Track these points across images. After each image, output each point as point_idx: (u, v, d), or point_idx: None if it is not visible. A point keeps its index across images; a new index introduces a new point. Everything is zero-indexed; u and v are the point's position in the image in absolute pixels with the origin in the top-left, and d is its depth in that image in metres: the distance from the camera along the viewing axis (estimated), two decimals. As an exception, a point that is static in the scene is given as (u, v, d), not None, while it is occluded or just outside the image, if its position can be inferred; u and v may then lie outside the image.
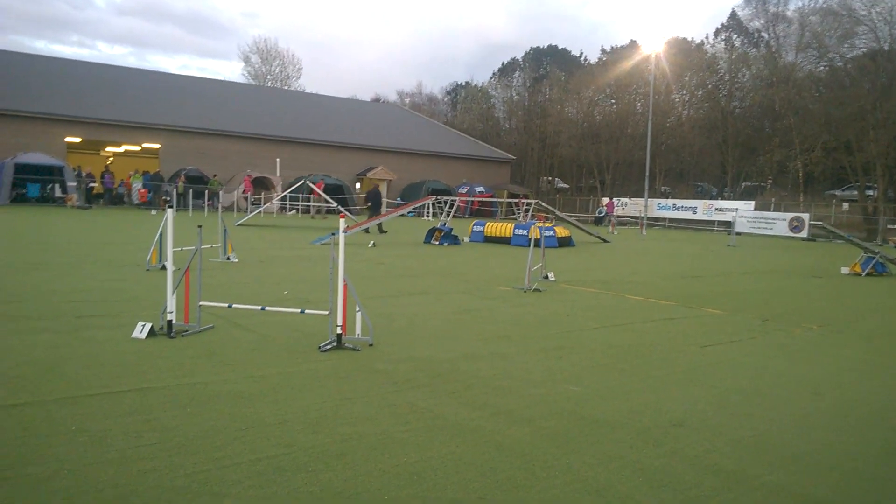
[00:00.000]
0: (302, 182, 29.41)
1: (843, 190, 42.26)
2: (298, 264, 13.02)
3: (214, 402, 4.50)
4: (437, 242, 19.51)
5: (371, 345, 6.23)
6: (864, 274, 15.13)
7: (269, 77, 71.81)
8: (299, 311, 6.91)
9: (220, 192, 33.96)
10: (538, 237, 12.75)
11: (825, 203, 40.55)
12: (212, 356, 5.68)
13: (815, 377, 5.91)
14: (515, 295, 10.08)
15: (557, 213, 26.49)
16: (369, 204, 25.50)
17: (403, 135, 50.59)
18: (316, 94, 58.86)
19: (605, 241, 24.15)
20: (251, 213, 27.14)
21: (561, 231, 21.04)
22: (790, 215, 35.54)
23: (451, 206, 21.83)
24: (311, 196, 30.60)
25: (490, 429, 4.24)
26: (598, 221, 40.34)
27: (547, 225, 20.98)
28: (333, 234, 6.36)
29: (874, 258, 15.48)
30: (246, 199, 33.61)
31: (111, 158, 42.45)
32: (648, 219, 39.44)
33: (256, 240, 18.46)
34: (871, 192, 38.34)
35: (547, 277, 11.79)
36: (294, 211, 33.65)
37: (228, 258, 12.66)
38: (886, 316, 9.73)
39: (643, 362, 6.19)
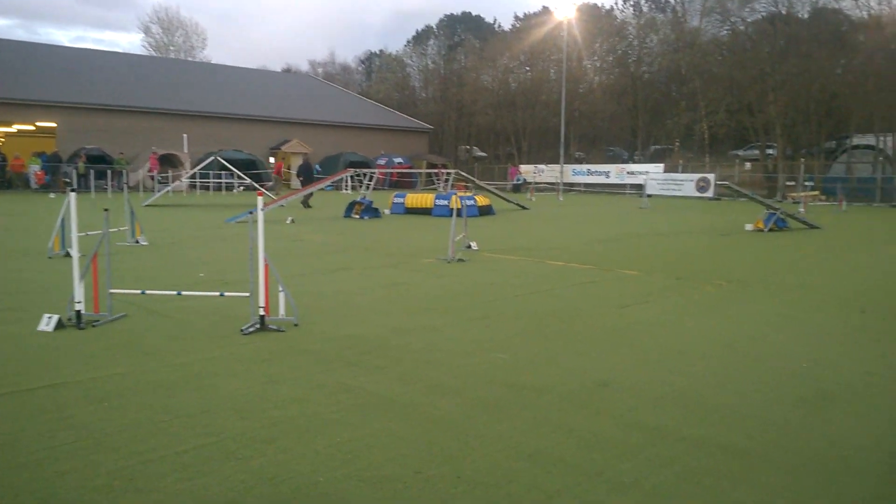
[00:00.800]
0: (212, 158, 28.36)
1: (746, 150, 44.35)
2: (213, 245, 12.60)
3: (133, 394, 4.31)
4: (358, 216, 19.29)
5: (296, 325, 6.10)
6: (766, 230, 15.98)
7: (171, 48, 68.49)
8: (218, 293, 6.69)
9: (125, 172, 32.32)
10: (459, 207, 12.79)
11: (729, 163, 42.49)
12: (127, 346, 5.42)
13: (728, 332, 6.21)
14: (440, 266, 10.10)
15: (477, 181, 26.67)
16: (301, 178, 24.93)
17: (318, 106, 49.44)
18: (223, 66, 56.54)
19: (524, 208, 24.52)
20: (159, 192, 25.99)
21: (481, 200, 21.21)
22: (697, 176, 36.88)
23: (371, 178, 21.58)
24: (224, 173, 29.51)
25: (423, 402, 4.25)
26: (517, 189, 40.88)
27: (467, 194, 21.12)
28: (251, 211, 6.15)
29: (775, 214, 16.37)
30: (152, 177, 32.15)
31: (1, 140, 39.63)
32: (564, 184, 40.28)
33: (166, 221, 17.73)
34: (771, 152, 40.40)
35: (470, 247, 11.87)
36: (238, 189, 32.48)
37: (137, 241, 12.10)
38: (790, 269, 10.32)
39: (567, 326, 6.33)
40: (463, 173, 27.33)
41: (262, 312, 5.93)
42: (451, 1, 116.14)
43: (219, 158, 27.40)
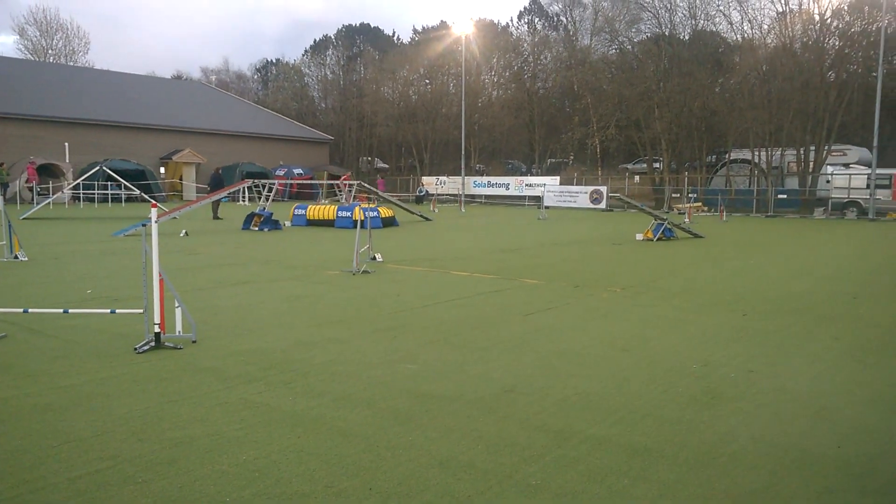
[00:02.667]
0: (97, 168, 26.84)
1: (635, 163, 46.64)
2: (102, 260, 11.92)
3: (17, 419, 4.00)
4: (257, 228, 18.79)
5: (194, 341, 5.87)
6: (655, 239, 16.85)
7: (50, 52, 64.27)
8: (109, 311, 6.33)
9: (7, 184, 29.96)
10: (363, 218, 12.73)
11: (620, 176, 44.53)
12: (8, 368, 5.03)
13: (624, 335, 6.50)
14: (345, 278, 10.00)
15: (380, 193, 26.61)
16: (209, 189, 24.00)
17: (212, 115, 47.81)
18: (108, 71, 53.63)
19: (427, 219, 24.69)
20: (38, 204, 24.31)
21: (385, 211, 21.17)
22: (591, 188, 38.57)
23: (270, 189, 21.09)
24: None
25: (331, 416, 4.19)
26: (419, 200, 41.11)
27: (371, 206, 21.04)
28: (143, 223, 5.87)
29: (663, 224, 17.30)
30: (31, 189, 30.02)
31: None
32: (466, 196, 40.89)
33: (48, 235, 16.61)
34: (657, 165, 42.68)
35: (375, 258, 11.82)
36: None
37: (16, 257, 11.28)
38: (678, 276, 10.93)
39: (473, 335, 6.43)
40: (366, 185, 27.21)
41: (157, 329, 5.66)
42: (347, 11, 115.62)
43: (105, 168, 25.95)
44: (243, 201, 35.01)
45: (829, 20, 35.80)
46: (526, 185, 42.75)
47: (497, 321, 7.08)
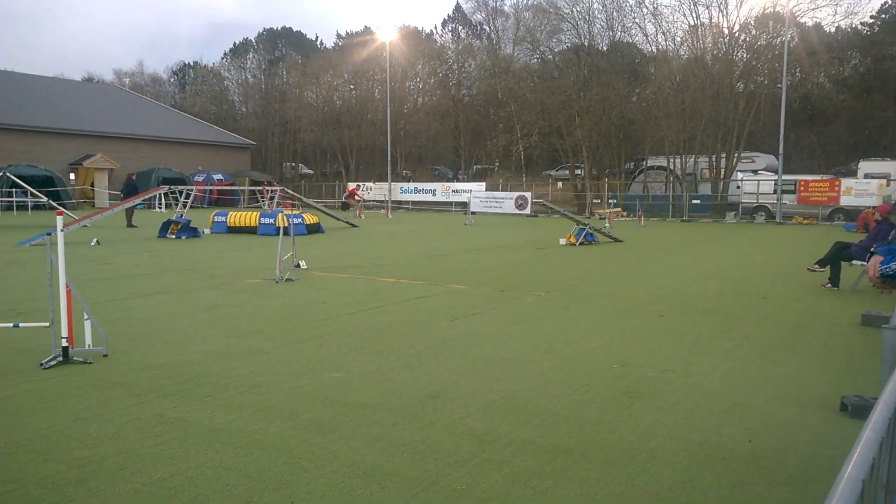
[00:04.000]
0: (1, 174, 25.32)
1: (557, 170, 47.70)
2: (5, 271, 11.24)
3: None
4: (174, 236, 18.14)
5: (105, 355, 5.59)
6: (577, 244, 17.26)
7: (-53, 50, 60.33)
8: (12, 325, 5.96)
9: None
10: (286, 225, 12.47)
11: (543, 182, 45.47)
12: None
13: (547, 338, 6.61)
14: (267, 286, 9.77)
15: (304, 199, 26.19)
16: (123, 195, 22.95)
17: (125, 118, 45.92)
18: (11, 72, 50.76)
19: (353, 225, 24.47)
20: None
21: (309, 218, 20.84)
22: (516, 194, 38.96)
23: (188, 196, 20.40)
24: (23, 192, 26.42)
25: (251, 429, 4.06)
26: (346, 207, 40.72)
27: (295, 212, 20.66)
28: (49, 233, 5.57)
29: (585, 229, 17.74)
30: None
31: None
32: (392, 202, 40.78)
33: (-55, 244, 15.52)
34: (579, 172, 43.79)
35: (299, 266, 11.61)
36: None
37: None
38: (599, 279, 11.21)
39: (399, 342, 6.39)
40: (289, 190, 26.73)
41: (64, 343, 5.36)
42: (265, 15, 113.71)
43: (8, 175, 24.50)
44: (159, 208, 33.76)
45: (737, 34, 37.74)
46: (452, 191, 43.03)
47: (423, 327, 7.07)
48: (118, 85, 65.77)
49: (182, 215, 19.03)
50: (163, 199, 33.65)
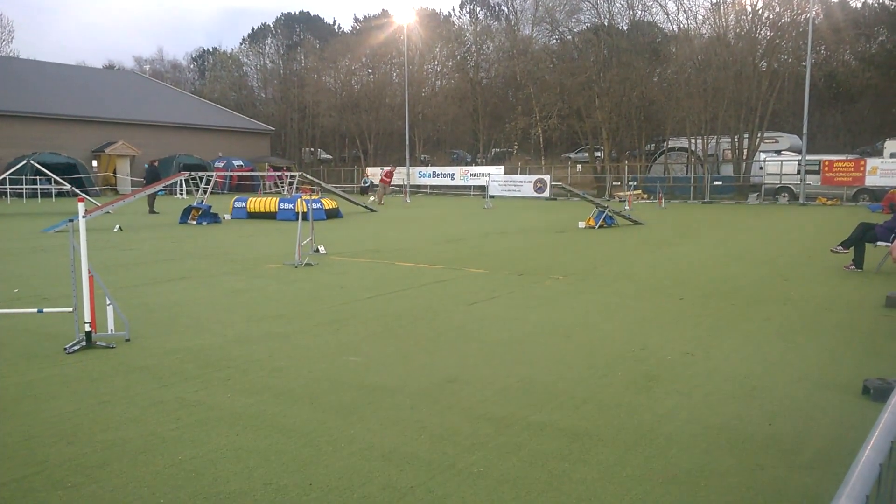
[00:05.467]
0: (25, 162, 25.68)
1: (577, 153, 47.35)
2: (29, 258, 11.42)
3: (-68, 429, 3.79)
4: (195, 222, 18.32)
5: (128, 340, 5.68)
6: (597, 227, 17.15)
7: (-29, 40, 61.09)
8: (36, 310, 6.06)
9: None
10: (305, 210, 12.54)
11: (562, 165, 45.17)
12: (-77, 374, 4.77)
13: (566, 322, 6.59)
14: (286, 271, 9.84)
15: (323, 184, 26.28)
16: (145, 182, 23.22)
17: (146, 105, 46.28)
18: (35, 61, 51.27)
19: (371, 210, 24.52)
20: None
21: (328, 203, 20.92)
22: (534, 177, 38.87)
23: (208, 182, 20.57)
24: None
25: (271, 412, 4.11)
26: (364, 191, 40.80)
27: (313, 197, 20.75)
28: (71, 219, 5.64)
29: (604, 212, 17.62)
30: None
31: None
32: (411, 186, 40.77)
33: (-28, 232, 15.80)
34: (599, 154, 43.42)
35: (318, 251, 11.67)
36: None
37: (-64, 256, 10.69)
38: (618, 262, 11.14)
39: (417, 326, 6.41)
40: (308, 176, 26.82)
41: (88, 329, 5.45)
42: (278, 1, 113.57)
43: (33, 162, 24.84)
44: (180, 194, 34.06)
45: (760, 11, 36.99)
46: (471, 174, 42.91)
47: (441, 311, 7.08)
48: (139, 72, 66.23)
49: (203, 201, 19.19)
50: (184, 185, 33.93)
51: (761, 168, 33.50)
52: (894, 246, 3.34)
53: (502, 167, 42.94)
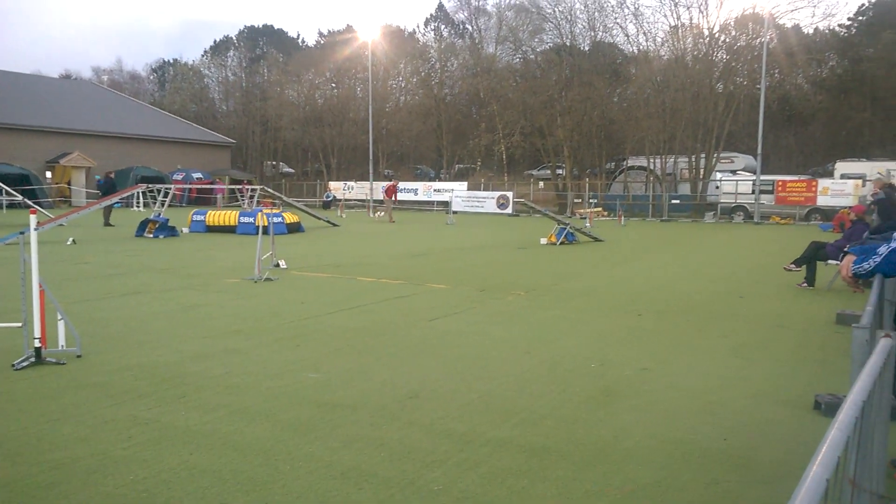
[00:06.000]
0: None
1: (539, 170, 47.84)
2: (-22, 269, 11.04)
3: None
4: (152, 235, 17.95)
5: (79, 356, 5.51)
6: (558, 243, 17.32)
7: (-81, 45, 59.23)
8: (-18, 325, 5.86)
9: None
10: (266, 224, 12.40)
11: (525, 182, 45.56)
12: None
13: (527, 337, 6.62)
14: (246, 286, 9.70)
15: (284, 198, 26.05)
16: (101, 194, 22.63)
17: (103, 116, 45.33)
18: (-13, 69, 49.93)
19: (334, 224, 24.37)
20: None
21: (289, 217, 20.72)
22: (497, 194, 39.23)
23: (166, 194, 20.19)
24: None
25: (226, 430, 4.02)
26: (327, 205, 40.56)
27: (275, 211, 20.53)
28: (22, 231, 5.48)
29: (566, 229, 17.81)
30: None
31: None
32: (374, 201, 40.69)
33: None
34: (560, 171, 43.96)
35: (278, 265, 11.53)
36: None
37: None
38: (579, 279, 11.26)
39: (378, 341, 6.36)
40: (269, 189, 26.56)
41: (37, 344, 5.28)
42: (243, 12, 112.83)
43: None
44: (137, 207, 33.38)
45: (717, 34, 38.07)
46: (434, 190, 43.00)
47: (403, 327, 7.05)
48: (96, 82, 64.95)
49: (160, 214, 18.83)
50: (140, 197, 33.27)
51: (717, 187, 34.31)
52: (843, 264, 3.45)
53: (465, 183, 43.14)
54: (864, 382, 1.68)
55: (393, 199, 30.90)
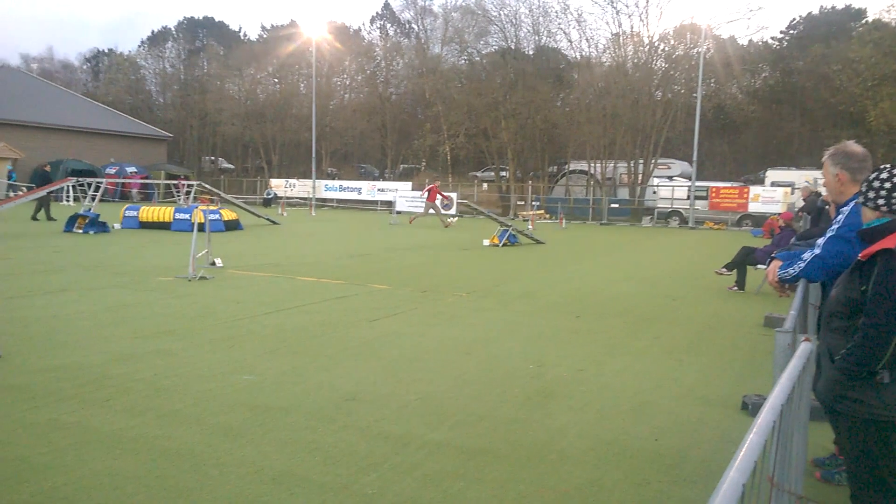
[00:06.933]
0: None
1: (483, 172, 48.13)
2: None
3: None
4: (81, 230, 17.25)
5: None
6: (501, 245, 17.45)
7: None
8: None
9: None
10: (202, 221, 12.07)
11: (469, 183, 45.77)
12: None
13: (467, 338, 6.63)
14: (179, 285, 9.41)
15: (223, 194, 25.44)
16: (36, 186, 21.57)
17: (32, 106, 43.32)
18: None
19: (274, 223, 23.94)
20: None
21: (228, 214, 20.23)
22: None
23: (97, 188, 19.45)
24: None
25: (153, 434, 3.88)
26: (267, 203, 39.84)
27: (212, 208, 20.02)
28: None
29: (508, 231, 17.96)
30: None
31: None
32: (317, 200, 40.22)
33: None
34: (504, 174, 44.34)
35: (214, 264, 11.23)
36: None
37: None
38: (520, 280, 11.36)
39: (316, 343, 6.27)
40: (206, 185, 25.90)
41: (-50, 344, 4.99)
42: (182, 3, 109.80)
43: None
44: (67, 201, 32.05)
45: (656, 43, 39.07)
46: (378, 189, 42.77)
47: (342, 328, 6.97)
48: (25, 70, 62.08)
49: (91, 209, 18.12)
50: (71, 191, 31.96)
51: (654, 192, 35.20)
52: (770, 269, 3.57)
53: (410, 183, 43.06)
54: (784, 386, 1.72)
55: (439, 201, 27.28)
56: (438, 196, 27.24)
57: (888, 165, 2.70)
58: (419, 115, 52.07)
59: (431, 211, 26.86)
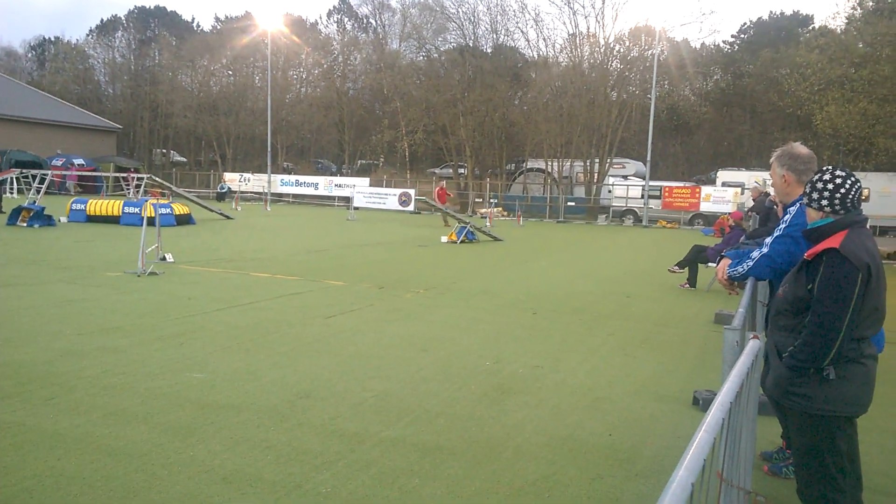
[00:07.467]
0: None
1: (442, 168, 48.16)
2: None
3: None
4: (25, 224, 16.65)
5: (-68, 354, 5.01)
6: (458, 242, 17.48)
7: None
8: None
9: None
10: (152, 215, 11.77)
11: (427, 179, 45.73)
12: None
13: (424, 335, 6.61)
14: (128, 280, 9.16)
15: (174, 188, 24.88)
16: None
17: (-27, 94, 41.69)
18: None
19: (228, 217, 23.51)
20: None
21: (179, 208, 19.78)
22: (399, 191, 38.99)
23: (42, 181, 18.80)
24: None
25: (99, 433, 3.76)
26: (221, 197, 39.10)
27: (163, 201, 19.54)
28: None
29: (466, 228, 17.99)
30: None
31: None
32: (272, 194, 39.65)
33: None
34: (462, 171, 44.44)
35: (164, 259, 10.97)
36: None
37: None
38: (477, 277, 11.39)
39: (270, 340, 6.17)
40: (157, 178, 25.29)
41: None
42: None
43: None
44: (11, 193, 30.92)
45: (612, 44, 39.63)
46: (335, 185, 42.39)
47: (296, 324, 6.87)
48: (-35, 56, 59.57)
49: (35, 202, 17.49)
50: (15, 183, 30.82)
51: (610, 191, 35.75)
52: (720, 267, 3.64)
53: (367, 179, 42.79)
54: (732, 383, 1.75)
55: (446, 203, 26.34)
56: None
57: (830, 167, 2.77)
58: (377, 111, 51.75)
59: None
